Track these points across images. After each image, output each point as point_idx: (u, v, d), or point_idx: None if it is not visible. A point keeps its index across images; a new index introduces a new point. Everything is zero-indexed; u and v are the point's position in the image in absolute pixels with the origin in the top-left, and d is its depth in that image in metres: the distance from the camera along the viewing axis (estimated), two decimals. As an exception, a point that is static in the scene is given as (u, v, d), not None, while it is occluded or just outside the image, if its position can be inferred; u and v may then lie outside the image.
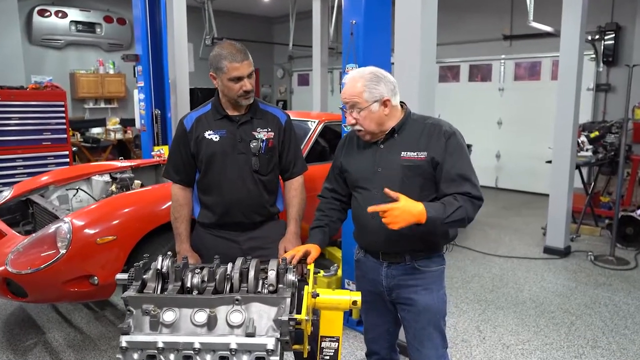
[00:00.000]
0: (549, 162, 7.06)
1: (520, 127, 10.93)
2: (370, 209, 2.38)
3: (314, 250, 2.61)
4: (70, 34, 12.42)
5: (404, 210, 2.32)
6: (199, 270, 2.25)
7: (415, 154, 2.50)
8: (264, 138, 3.00)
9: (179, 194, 3.11)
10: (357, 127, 2.55)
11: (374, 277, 2.72)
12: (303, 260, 2.57)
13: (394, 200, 2.34)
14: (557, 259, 6.66)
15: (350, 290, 2.38)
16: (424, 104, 3.71)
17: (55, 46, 12.33)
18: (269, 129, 3.03)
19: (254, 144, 2.97)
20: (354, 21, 4.01)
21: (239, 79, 2.86)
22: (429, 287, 2.63)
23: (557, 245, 6.82)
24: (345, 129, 4.19)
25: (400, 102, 2.63)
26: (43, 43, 12.10)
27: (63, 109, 8.63)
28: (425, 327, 2.64)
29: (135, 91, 7.84)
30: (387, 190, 2.40)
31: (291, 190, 3.15)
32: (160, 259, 2.25)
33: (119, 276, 2.35)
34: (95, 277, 3.90)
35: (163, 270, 2.23)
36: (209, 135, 2.98)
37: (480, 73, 11.66)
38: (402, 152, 2.52)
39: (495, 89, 11.31)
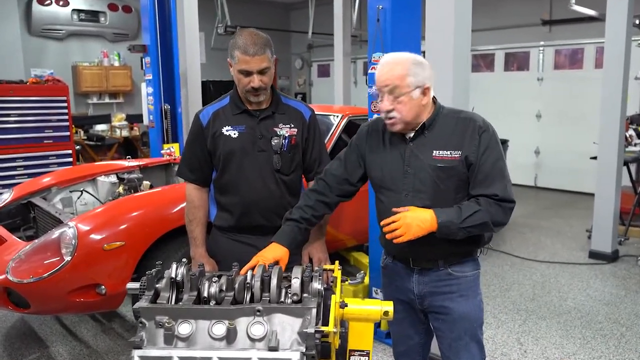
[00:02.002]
0: (594, 158, 6.98)
1: (562, 121, 10.85)
2: (382, 223, 2.44)
3: (284, 257, 2.56)
4: (72, 24, 12.52)
5: (414, 217, 2.37)
6: (216, 278, 2.25)
7: (449, 152, 2.47)
8: (287, 135, 2.99)
9: (194, 195, 3.11)
10: (392, 114, 2.47)
11: (404, 285, 2.71)
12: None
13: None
14: (604, 264, 6.59)
15: (379, 300, 2.37)
16: (458, 95, 3.68)
17: (56, 37, 12.43)
18: (292, 125, 3.02)
19: (276, 141, 2.96)
20: (381, 6, 3.98)
21: (248, 73, 2.84)
22: (464, 294, 2.62)
23: (604, 249, 6.75)
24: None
25: None
26: (43, 33, 12.21)
27: (65, 104, 8.66)
28: (462, 337, 2.63)
29: (143, 84, 7.89)
30: (395, 209, 2.43)
31: None
32: (174, 266, 2.25)
33: (130, 285, 2.36)
34: (103, 287, 3.92)
35: (177, 278, 2.22)
36: (227, 131, 2.97)
37: (517, 61, 11.58)
38: (434, 151, 2.49)
39: (534, 79, 11.23)
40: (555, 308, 5.31)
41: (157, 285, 2.23)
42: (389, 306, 2.27)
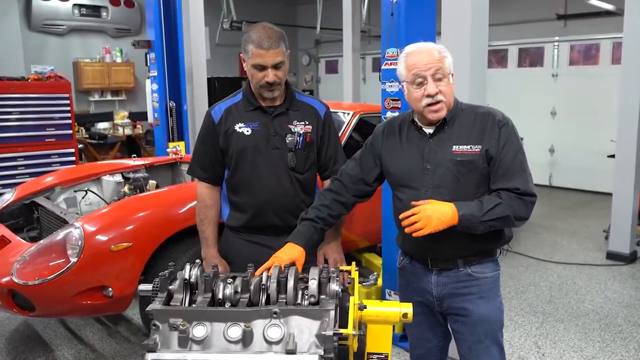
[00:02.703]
0: (612, 156, 6.97)
1: (577, 118, 10.83)
2: (402, 216, 2.44)
3: (300, 258, 2.55)
4: (73, 19, 12.50)
5: (435, 209, 2.38)
6: (231, 279, 2.25)
7: (469, 147, 2.49)
8: (301, 132, 2.99)
9: (205, 194, 3.11)
10: (439, 97, 2.49)
11: (422, 286, 2.72)
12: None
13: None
14: (621, 265, 6.59)
15: (398, 301, 2.37)
16: (475, 92, 3.69)
17: (57, 32, 12.42)
18: (307, 122, 3.02)
19: (290, 138, 2.96)
20: (395, 0, 3.98)
21: (262, 67, 2.84)
22: (484, 295, 2.63)
23: (622, 250, 6.74)
24: (384, 120, 4.16)
25: None
26: (43, 29, 12.19)
27: (68, 101, 8.65)
28: (482, 340, 2.64)
29: (147, 81, 7.89)
30: (414, 202, 2.44)
31: None
32: (187, 267, 2.25)
33: (142, 287, 2.36)
34: (110, 289, 3.92)
35: (191, 280, 2.22)
36: (239, 128, 2.97)
37: (531, 57, 11.57)
38: (454, 146, 2.51)
39: (548, 75, 11.21)
40: (572, 310, 5.31)
41: (170, 287, 2.23)
42: (408, 308, 2.28)
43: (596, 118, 10.45)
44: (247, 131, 2.97)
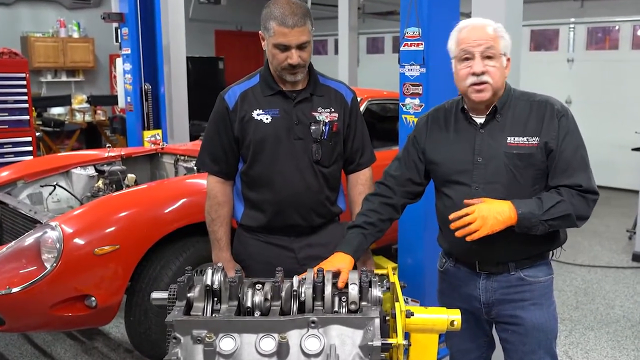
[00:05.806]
0: (637, 149, 7.05)
1: (595, 107, 10.89)
2: (452, 216, 2.45)
3: (345, 267, 2.52)
4: (22, -14, 12.33)
5: (491, 208, 2.40)
6: (259, 285, 2.26)
7: (526, 139, 2.51)
8: (327, 120, 2.95)
9: (217, 189, 3.06)
10: (485, 78, 2.50)
11: (469, 292, 2.74)
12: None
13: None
14: (650, 268, 6.72)
15: (444, 308, 2.39)
16: (509, 76, 3.71)
17: (2, 1, 12.23)
18: (332, 109, 2.99)
19: (314, 127, 2.92)
20: (417, -27, 3.99)
21: (285, 47, 2.81)
22: (538, 302, 2.67)
23: (649, 251, 6.83)
24: (402, 108, 4.18)
25: None
26: (-15, -2, 12.00)
27: (24, 82, 8.24)
28: (535, 350, 2.67)
29: (119, 60, 7.74)
30: (467, 201, 2.46)
31: (357, 185, 3.13)
32: (209, 272, 2.25)
33: (156, 295, 2.35)
34: (93, 298, 3.82)
35: (214, 286, 2.22)
36: (258, 115, 2.93)
37: (545, 40, 11.65)
38: (509, 138, 2.53)
39: (563, 60, 11.30)
40: (602, 317, 5.42)
41: (189, 295, 2.23)
42: (456, 315, 2.31)
43: (616, 107, 10.55)
44: (267, 119, 2.92)
